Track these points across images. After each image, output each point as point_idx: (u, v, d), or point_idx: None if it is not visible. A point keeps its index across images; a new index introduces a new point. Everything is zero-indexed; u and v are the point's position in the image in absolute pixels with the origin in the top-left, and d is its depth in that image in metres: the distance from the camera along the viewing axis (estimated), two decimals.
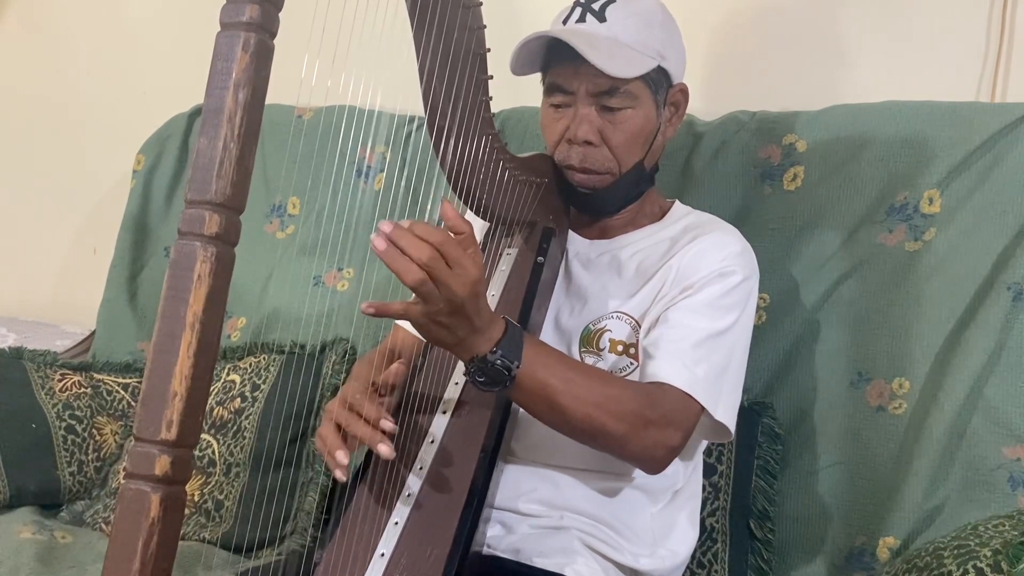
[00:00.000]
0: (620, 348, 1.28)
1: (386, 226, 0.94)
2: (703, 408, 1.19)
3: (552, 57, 1.29)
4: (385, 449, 1.06)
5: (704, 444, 1.39)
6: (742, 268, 1.28)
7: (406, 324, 1.48)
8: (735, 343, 1.26)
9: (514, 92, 1.41)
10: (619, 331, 1.29)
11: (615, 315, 1.30)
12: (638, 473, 1.28)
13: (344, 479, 1.11)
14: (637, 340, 1.27)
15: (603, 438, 1.14)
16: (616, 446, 1.15)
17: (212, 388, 1.84)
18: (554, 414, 1.11)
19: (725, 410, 1.21)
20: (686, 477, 1.34)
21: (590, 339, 1.30)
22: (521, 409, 1.23)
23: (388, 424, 1.07)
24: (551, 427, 1.15)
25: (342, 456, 1.10)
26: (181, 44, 2.32)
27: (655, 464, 1.19)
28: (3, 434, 1.82)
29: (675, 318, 1.24)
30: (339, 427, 1.12)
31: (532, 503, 1.25)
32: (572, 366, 1.15)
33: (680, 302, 1.25)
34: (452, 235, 0.99)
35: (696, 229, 1.34)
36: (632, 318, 1.30)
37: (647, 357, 1.23)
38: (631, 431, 1.13)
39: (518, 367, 1.05)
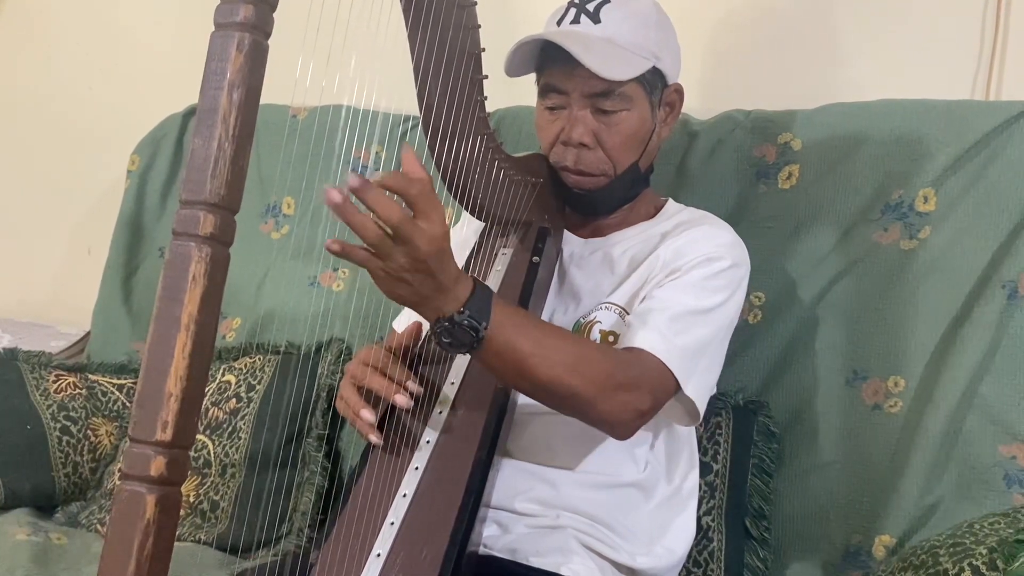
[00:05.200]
0: (610, 338, 1.28)
1: (354, 181, 0.88)
2: (676, 381, 1.18)
3: (546, 58, 1.29)
4: (402, 399, 1.09)
5: (695, 440, 1.39)
6: (731, 256, 1.28)
7: (398, 325, 1.48)
8: (718, 325, 1.25)
9: (509, 92, 1.41)
10: (607, 321, 1.29)
11: (603, 306, 1.30)
12: (634, 471, 1.28)
13: (376, 440, 1.11)
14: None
15: (572, 400, 1.11)
16: (585, 408, 1.13)
17: (207, 389, 1.84)
18: (523, 377, 1.09)
19: (696, 388, 1.20)
20: (682, 475, 1.35)
21: (580, 332, 1.30)
22: (517, 408, 1.23)
23: (413, 385, 1.11)
24: (521, 391, 1.14)
25: (367, 414, 1.11)
26: (175, 44, 2.31)
27: (623, 428, 1.17)
28: None
29: (659, 294, 1.24)
30: (359, 388, 1.14)
31: (528, 502, 1.24)
32: (542, 328, 1.13)
33: (666, 283, 1.25)
34: (418, 186, 0.94)
35: (688, 223, 1.35)
36: (619, 307, 1.29)
37: (627, 328, 1.22)
38: (600, 393, 1.11)
39: (486, 327, 1.02)
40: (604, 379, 1.11)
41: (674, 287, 1.24)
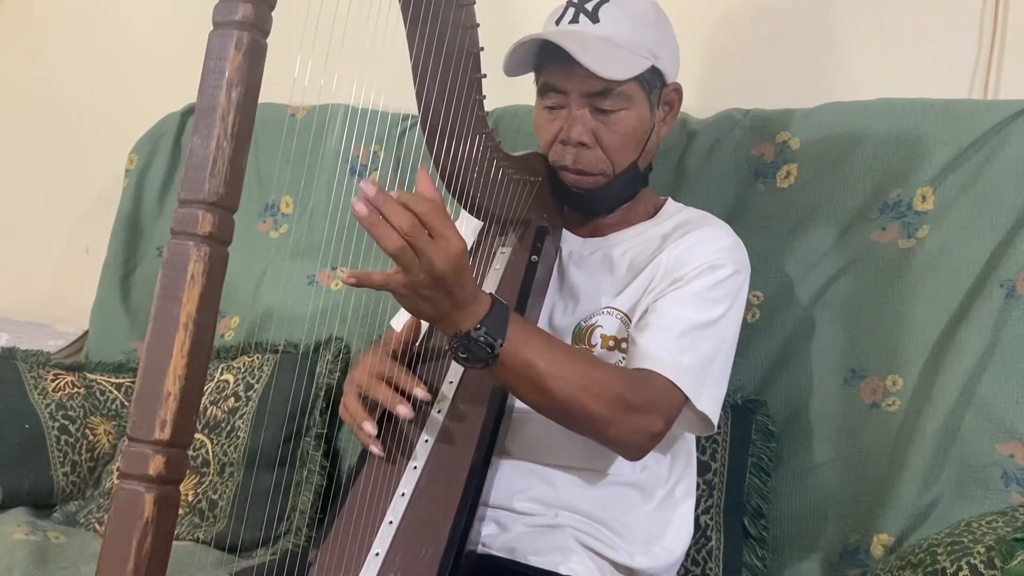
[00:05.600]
0: (611, 343, 1.28)
1: (369, 189, 0.93)
2: (687, 397, 1.19)
3: (545, 58, 1.29)
4: (403, 410, 1.09)
5: (693, 439, 1.39)
6: (732, 262, 1.28)
7: (396, 323, 1.48)
8: (723, 336, 1.25)
9: (508, 90, 1.41)
10: (609, 326, 1.29)
11: (605, 310, 1.31)
12: (633, 471, 1.28)
13: (378, 451, 1.11)
14: (628, 334, 1.27)
15: (585, 420, 1.13)
16: (598, 429, 1.14)
17: (206, 388, 1.84)
18: (537, 394, 1.10)
19: (708, 401, 1.21)
20: (680, 474, 1.35)
21: (582, 336, 1.30)
22: (515, 407, 1.23)
23: (420, 392, 1.10)
24: (533, 408, 1.14)
25: (370, 427, 1.12)
26: (174, 43, 2.31)
27: (636, 450, 1.18)
28: None
29: (663, 308, 1.24)
30: (363, 398, 1.14)
31: (527, 501, 1.25)
32: (557, 347, 1.14)
33: (669, 293, 1.25)
34: (430, 204, 0.97)
35: (687, 225, 1.35)
36: (622, 312, 1.30)
37: (633, 345, 1.23)
38: (613, 415, 1.12)
39: (502, 345, 1.04)
40: (616, 401, 1.12)
41: (677, 299, 1.24)
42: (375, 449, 1.11)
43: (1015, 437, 1.38)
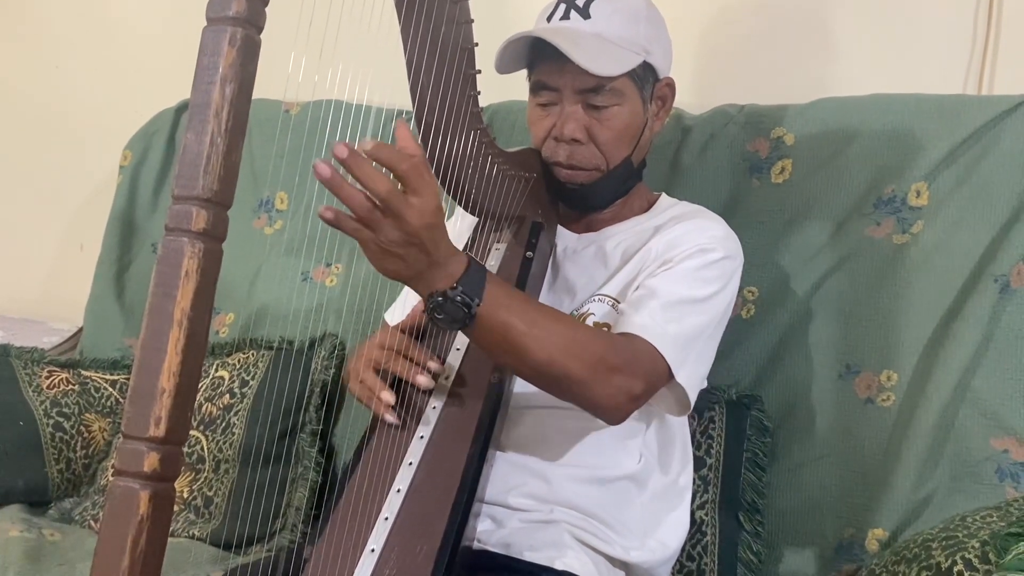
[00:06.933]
0: (604, 329, 1.28)
1: (341, 151, 0.88)
2: (668, 367, 1.17)
3: (537, 55, 1.29)
4: (424, 380, 1.11)
5: (688, 433, 1.39)
6: (724, 248, 1.28)
7: (390, 317, 1.48)
8: (711, 315, 1.25)
9: (502, 86, 1.41)
10: (600, 312, 1.29)
11: (596, 298, 1.31)
12: (628, 465, 1.28)
13: (394, 420, 1.13)
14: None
15: (565, 382, 1.12)
16: (578, 391, 1.13)
17: (201, 384, 1.83)
18: (516, 356, 1.09)
19: (688, 376, 1.20)
20: (676, 469, 1.35)
21: None
22: (512, 403, 1.23)
23: (435, 365, 1.12)
24: (513, 371, 1.14)
25: (388, 396, 1.13)
26: (167, 39, 2.30)
27: (616, 412, 1.17)
28: None
29: (652, 283, 1.24)
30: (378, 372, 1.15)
31: (522, 497, 1.24)
32: (537, 308, 1.13)
33: (659, 272, 1.25)
34: (410, 161, 0.93)
35: (681, 217, 1.35)
36: (611, 298, 1.30)
37: (620, 315, 1.22)
38: (594, 376, 1.11)
39: (479, 304, 1.03)
40: (596, 361, 1.11)
41: (667, 276, 1.24)
42: (390, 418, 1.13)
43: (1009, 432, 1.38)
